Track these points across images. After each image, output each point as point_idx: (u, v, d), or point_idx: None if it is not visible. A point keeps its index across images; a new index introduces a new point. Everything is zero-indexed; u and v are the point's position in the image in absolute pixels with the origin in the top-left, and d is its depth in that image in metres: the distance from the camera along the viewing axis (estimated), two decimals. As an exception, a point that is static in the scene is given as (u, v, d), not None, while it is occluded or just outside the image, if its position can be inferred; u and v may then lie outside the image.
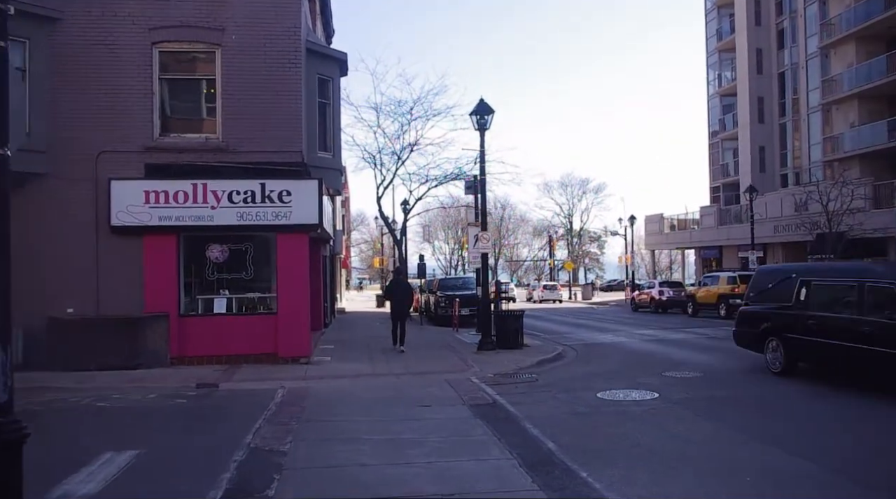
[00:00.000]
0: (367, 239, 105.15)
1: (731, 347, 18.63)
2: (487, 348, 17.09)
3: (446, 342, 20.10)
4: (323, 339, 20.18)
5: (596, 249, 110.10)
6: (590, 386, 12.44)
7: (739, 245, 44.59)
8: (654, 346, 19.38)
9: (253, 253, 15.14)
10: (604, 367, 15.20)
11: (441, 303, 29.47)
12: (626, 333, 23.63)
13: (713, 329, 24.16)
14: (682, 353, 17.49)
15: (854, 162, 39.32)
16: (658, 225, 54.44)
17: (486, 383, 13.05)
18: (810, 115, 44.08)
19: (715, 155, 54.06)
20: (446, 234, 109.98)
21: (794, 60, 45.43)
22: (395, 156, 33.12)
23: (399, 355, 16.70)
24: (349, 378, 13.57)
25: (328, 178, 17.03)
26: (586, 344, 20.16)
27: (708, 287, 32.04)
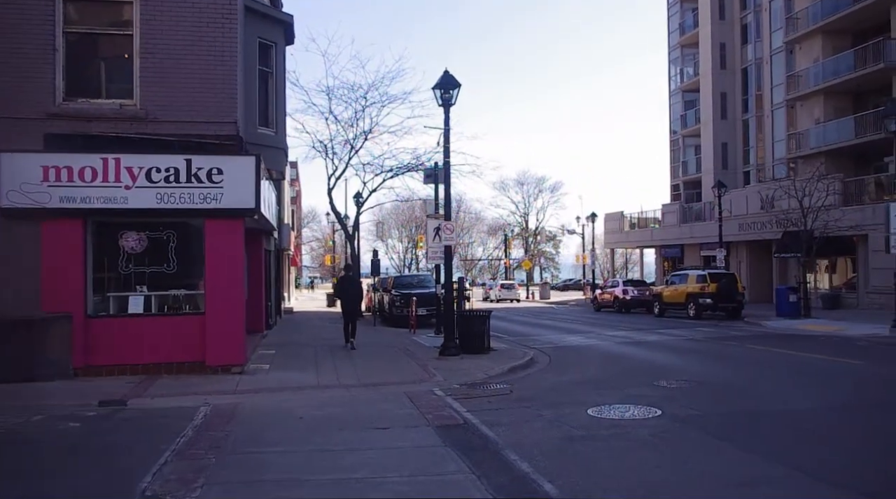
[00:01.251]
0: (319, 236, 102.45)
1: (716, 349, 17.11)
2: (451, 353, 15.06)
3: (403, 346, 18.02)
4: (263, 343, 17.90)
5: (551, 248, 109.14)
6: (576, 399, 10.51)
7: (702, 243, 43.55)
8: (632, 349, 17.62)
9: (177, 242, 12.81)
10: (585, 375, 13.30)
11: (396, 302, 27.36)
12: (596, 334, 21.87)
13: (686, 330, 22.59)
14: (665, 357, 15.73)
15: (819, 159, 38.29)
16: (618, 223, 53.19)
17: (452, 396, 11.02)
18: (774, 111, 43.20)
19: (676, 152, 53.04)
20: (400, 232, 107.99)
21: (759, 55, 44.52)
22: (348, 145, 30.92)
23: (350, 363, 14.56)
24: (290, 391, 11.39)
25: (270, 158, 14.81)
26: (557, 347, 18.30)
27: (675, 286, 30.58)
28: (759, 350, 16.74)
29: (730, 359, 15.51)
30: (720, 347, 17.63)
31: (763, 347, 17.40)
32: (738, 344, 18.08)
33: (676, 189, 52.42)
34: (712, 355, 16.12)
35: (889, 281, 29.47)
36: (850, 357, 14.93)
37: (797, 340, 18.85)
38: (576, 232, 68.93)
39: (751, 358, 15.50)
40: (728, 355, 16.08)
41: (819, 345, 17.56)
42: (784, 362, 14.59)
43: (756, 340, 19.15)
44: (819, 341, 18.55)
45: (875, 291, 29.92)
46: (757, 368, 14.00)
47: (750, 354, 16.23)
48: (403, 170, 30.93)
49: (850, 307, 31.27)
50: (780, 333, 21.28)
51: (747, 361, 15.15)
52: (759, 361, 14.93)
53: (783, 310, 26.59)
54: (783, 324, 23.91)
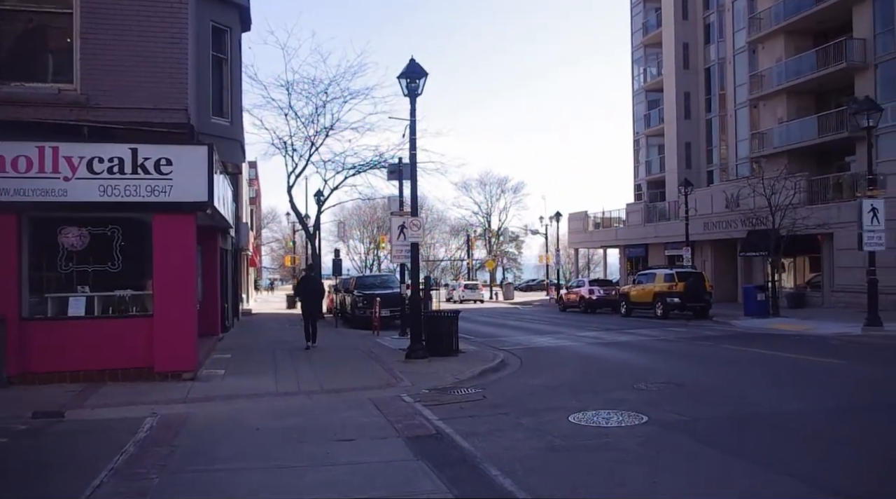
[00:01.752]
0: (279, 237, 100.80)
1: (690, 350, 16.60)
2: (418, 356, 14.30)
3: (367, 348, 17.20)
4: (219, 347, 16.92)
5: (514, 248, 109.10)
6: (555, 405, 9.84)
7: (667, 243, 43.44)
8: (605, 350, 17.06)
9: (122, 239, 11.83)
10: (560, 378, 12.65)
11: (359, 303, 26.50)
12: (565, 335, 21.30)
13: (657, 330, 22.16)
14: (641, 358, 15.19)
15: (782, 158, 38.44)
16: (582, 223, 52.94)
17: (422, 402, 10.28)
18: (737, 110, 43.31)
19: (639, 152, 53.03)
20: (362, 233, 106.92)
21: (722, 55, 44.62)
22: (308, 142, 29.98)
23: (311, 367, 13.72)
24: (246, 399, 10.52)
25: (225, 149, 13.89)
26: (527, 349, 17.66)
27: (643, 285, 30.24)
28: (735, 350, 16.31)
29: (706, 359, 15.03)
30: (694, 348, 17.17)
31: (737, 346, 16.98)
32: (712, 344, 17.64)
33: (640, 189, 52.41)
34: (688, 356, 15.63)
35: (854, 280, 29.62)
36: (828, 356, 14.54)
37: (771, 340, 18.49)
38: (539, 232, 68.67)
39: (728, 358, 15.04)
40: (704, 356, 15.61)
41: (794, 344, 17.21)
42: (762, 363, 14.14)
43: (729, 339, 18.76)
44: (792, 340, 18.22)
45: (841, 289, 29.96)
46: (736, 368, 13.52)
47: (726, 354, 15.78)
48: (366, 167, 30.13)
49: (814, 306, 31.29)
50: (751, 332, 20.97)
51: (725, 361, 14.68)
52: (736, 362, 14.47)
53: (751, 309, 26.38)
54: (753, 323, 23.65)
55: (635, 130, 53.36)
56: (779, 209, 25.96)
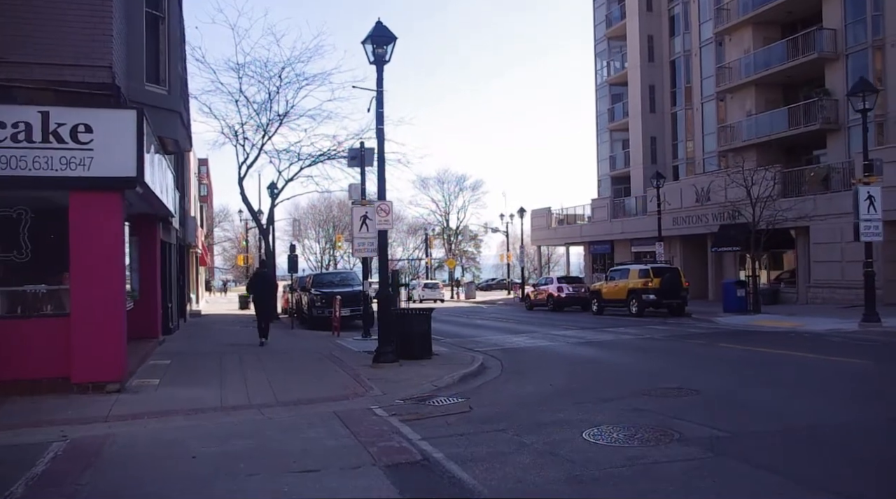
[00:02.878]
0: (232, 237, 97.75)
1: (684, 349, 15.02)
2: (387, 360, 12.49)
3: (328, 351, 15.33)
4: (158, 352, 14.86)
5: (472, 247, 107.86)
6: (558, 418, 8.18)
7: (633, 239, 42.38)
8: (591, 351, 15.50)
9: (32, 222, 9.81)
10: (552, 383, 11.00)
11: (317, 302, 24.58)
12: (542, 334, 19.71)
13: (637, 328, 20.73)
14: (634, 360, 13.67)
15: (751, 151, 37.67)
16: (545, 219, 51.62)
17: (398, 416, 8.52)
18: (704, 104, 42.43)
19: (603, 147, 51.93)
20: (317, 232, 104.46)
21: (688, 48, 43.71)
22: (261, 130, 27.93)
23: (264, 374, 11.82)
24: (183, 416, 8.60)
25: (162, 122, 11.91)
26: (505, 350, 16.00)
27: (616, 282, 28.88)
28: (736, 350, 14.85)
29: (709, 360, 13.54)
30: (688, 346, 15.72)
31: (736, 345, 15.55)
32: (705, 343, 16.20)
33: (604, 184, 51.28)
34: (686, 357, 14.14)
35: (832, 274, 28.75)
36: (841, 355, 13.19)
37: (767, 338, 17.15)
38: (499, 230, 67.33)
39: (733, 359, 13.57)
40: (704, 356, 14.13)
41: (794, 342, 15.88)
42: (775, 363, 12.70)
43: (721, 337, 17.36)
44: (790, 338, 16.91)
45: (818, 284, 29.04)
46: (749, 371, 12.02)
47: (728, 354, 14.32)
48: (325, 157, 28.18)
49: (789, 302, 30.34)
50: (740, 329, 19.65)
51: (731, 362, 13.21)
52: (744, 363, 13.00)
53: (731, 305, 25.20)
54: (736, 320, 22.39)
55: (598, 124, 52.26)
56: (759, 201, 24.76)
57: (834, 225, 27.66)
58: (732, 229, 33.24)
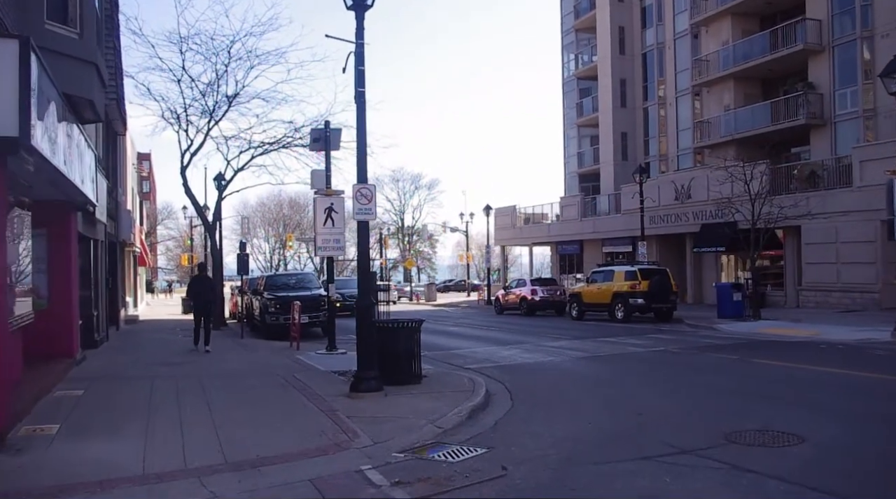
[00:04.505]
0: (176, 235, 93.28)
1: (717, 364, 11.90)
2: (369, 388, 9.74)
3: (288, 371, 12.48)
4: (74, 374, 11.81)
5: (428, 247, 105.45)
6: (644, 489, 5.61)
7: (605, 239, 40.32)
8: (607, 369, 13.02)
9: None
10: (592, 420, 8.45)
11: (270, 308, 21.66)
12: (534, 346, 17.17)
13: (637, 338, 18.38)
14: (673, 383, 11.21)
15: (729, 148, 35.85)
16: (510, 218, 49.24)
17: (404, 485, 5.84)
18: (679, 98, 40.60)
19: (571, 143, 49.82)
20: (266, 231, 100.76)
21: (661, 40, 41.84)
22: (207, 114, 24.80)
23: (208, 411, 8.97)
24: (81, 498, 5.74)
25: (71, 75, 8.99)
26: (501, 367, 13.42)
27: (598, 284, 26.60)
28: (779, 367, 12.46)
29: (763, 383, 11.05)
30: (719, 363, 13.32)
31: (772, 360, 13.18)
32: (737, 358, 13.77)
33: (571, 182, 49.16)
34: (730, 378, 11.72)
35: (826, 277, 26.91)
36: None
37: (799, 351, 14.89)
38: (458, 229, 64.95)
39: (789, 381, 11.13)
40: (751, 377, 11.68)
41: (837, 357, 13.62)
42: (851, 388, 10.34)
43: (745, 350, 15.02)
44: (827, 352, 14.66)
45: (810, 287, 27.21)
46: (831, 400, 9.58)
47: (775, 374, 11.89)
48: (279, 145, 25.18)
49: (777, 306, 28.47)
50: (756, 340, 17.39)
51: (793, 386, 10.74)
52: (811, 386, 10.59)
53: (726, 311, 23.09)
54: (739, 327, 20.24)
55: (565, 120, 50.10)
56: (758, 197, 22.70)
57: (828, 224, 25.86)
58: (716, 229, 31.42)
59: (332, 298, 16.49)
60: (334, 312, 16.46)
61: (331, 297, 16.41)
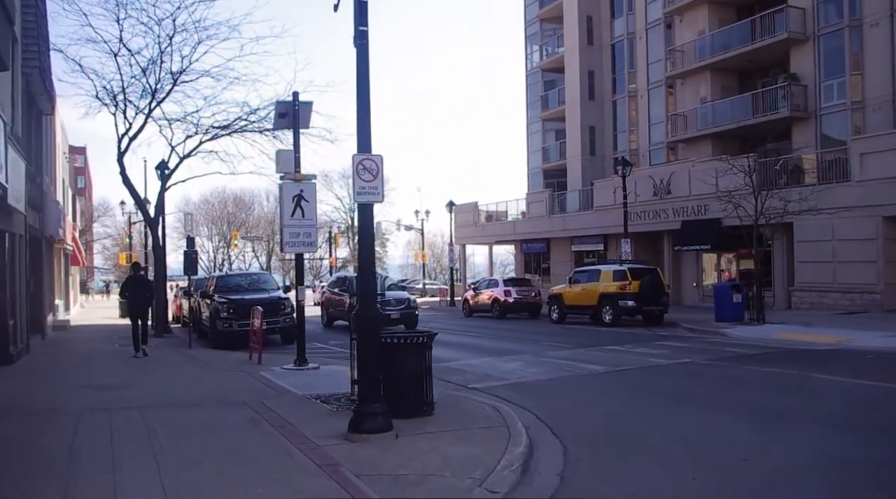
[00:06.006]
0: (114, 233, 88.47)
1: (769, 381, 9.69)
2: (376, 428, 7.21)
3: (256, 398, 9.84)
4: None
5: (379, 247, 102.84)
6: None
7: (575, 237, 38.42)
8: (651, 389, 10.82)
9: None
10: (698, 472, 6.19)
11: (222, 312, 18.93)
12: (534, 356, 14.90)
13: (644, 346, 16.31)
14: (742, 411, 9.06)
15: (705, 142, 34.48)
16: (471, 215, 47.02)
17: None
18: (651, 90, 38.95)
19: (534, 138, 47.86)
20: (210, 230, 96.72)
21: (631, 30, 40.16)
22: (148, 93, 21.84)
23: (155, 472, 6.37)
24: None
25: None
26: (513, 386, 11.11)
27: (582, 285, 24.55)
28: (850, 385, 10.50)
29: (863, 410, 9.02)
30: (777, 380, 11.25)
31: (838, 377, 11.18)
32: (797, 373, 11.64)
33: (535, 178, 47.19)
34: (813, 402, 9.63)
35: (820, 276, 25.35)
36: None
37: (851, 362, 12.98)
38: (414, 228, 62.52)
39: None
40: (832, 397, 9.65)
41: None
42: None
43: (787, 361, 13.00)
44: (886, 363, 12.79)
45: (804, 288, 25.64)
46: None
47: (861, 393, 9.91)
48: (231, 130, 22.35)
49: (766, 307, 26.78)
50: (782, 348, 15.42)
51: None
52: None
53: (725, 313, 21.26)
54: (749, 333, 18.37)
55: (529, 114, 48.12)
56: (761, 191, 20.93)
57: (824, 221, 24.27)
58: (698, 226, 29.76)
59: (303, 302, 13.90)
60: (303, 319, 13.87)
61: (300, 301, 13.82)
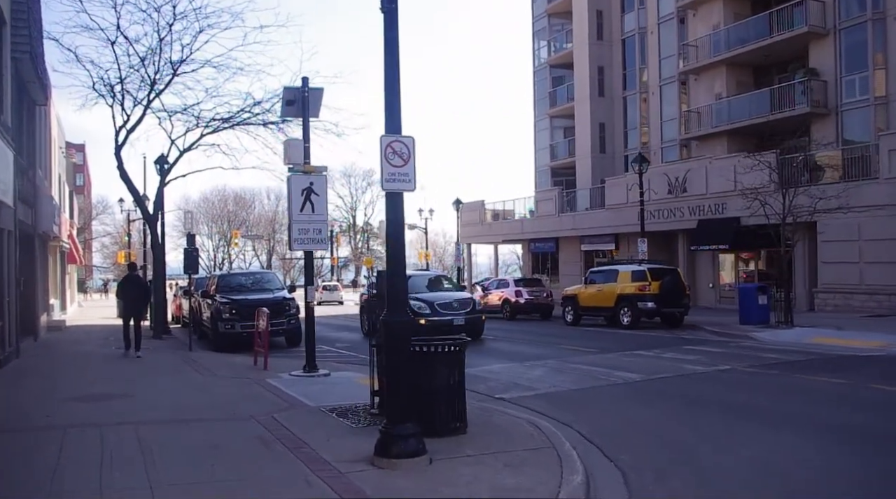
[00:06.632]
0: (112, 231, 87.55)
1: (848, 397, 9.74)
2: (409, 451, 6.18)
3: (265, 411, 8.84)
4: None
5: (380, 246, 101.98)
6: None
7: (585, 236, 37.43)
8: (698, 401, 9.86)
9: None
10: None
11: (224, 314, 18.00)
12: (559, 362, 13.93)
13: (672, 350, 15.33)
14: (842, 429, 8.10)
15: (720, 139, 33.54)
16: (478, 214, 46.02)
17: None
18: (663, 86, 37.99)
19: (541, 135, 46.88)
20: (210, 228, 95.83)
21: (643, 25, 39.20)
22: (147, 83, 20.88)
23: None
24: None
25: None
26: (547, 398, 10.14)
27: (599, 285, 23.58)
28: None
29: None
30: (839, 392, 10.27)
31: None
32: (855, 384, 10.62)
33: (542, 176, 46.22)
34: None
35: (845, 277, 24.40)
36: None
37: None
38: (417, 226, 61.56)
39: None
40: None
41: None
42: None
43: (844, 370, 12.00)
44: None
45: (828, 289, 24.68)
46: None
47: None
48: (234, 122, 21.38)
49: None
50: (828, 353, 14.36)
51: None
52: None
53: (751, 316, 20.30)
54: (783, 337, 17.41)
55: (536, 111, 47.14)
56: (790, 187, 19.96)
57: (849, 220, 23.28)
58: (715, 225, 28.80)
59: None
60: (313, 322, 12.90)
61: (309, 302, 12.85)
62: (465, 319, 18.11)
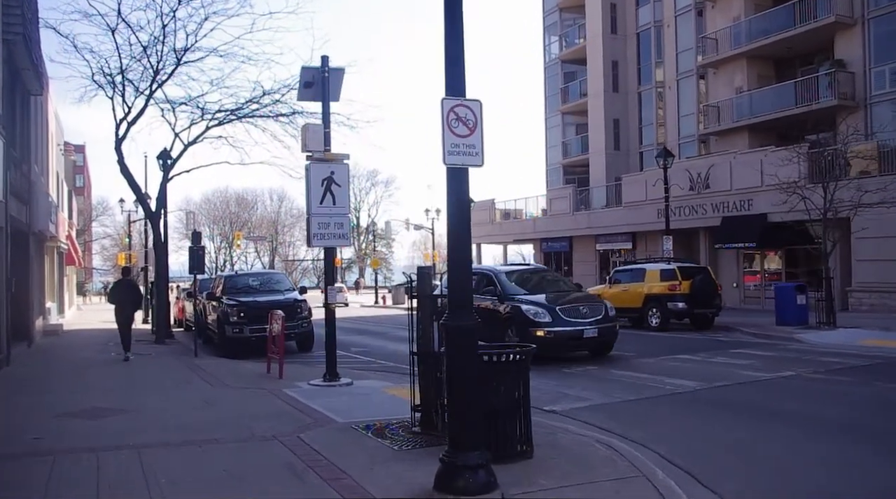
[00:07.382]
0: (113, 233, 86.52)
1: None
2: (477, 487, 5.05)
3: (288, 430, 7.65)
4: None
5: (384, 247, 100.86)
6: None
7: (600, 235, 36.28)
8: (777, 414, 8.69)
9: None
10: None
11: (232, 317, 16.86)
12: (597, 365, 12.78)
13: (723, 355, 14.15)
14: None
15: (741, 134, 32.35)
16: (488, 213, 44.89)
17: None
18: (680, 81, 36.84)
19: (553, 132, 45.73)
20: (211, 230, 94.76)
21: (658, 18, 38.07)
22: (150, 73, 19.73)
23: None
24: None
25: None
26: (602, 409, 8.98)
27: (625, 285, 22.39)
28: None
29: None
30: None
31: None
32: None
33: (554, 174, 45.07)
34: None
35: (882, 276, 23.15)
36: None
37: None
38: (423, 227, 60.36)
39: None
40: None
41: None
42: None
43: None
44: None
45: (864, 288, 23.51)
46: None
47: None
48: (243, 114, 20.21)
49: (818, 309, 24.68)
50: (890, 357, 13.27)
51: None
52: None
53: (788, 316, 19.16)
54: (830, 338, 16.25)
55: (548, 107, 46.00)
56: (832, 180, 18.80)
57: (887, 215, 22.09)
58: (740, 222, 27.64)
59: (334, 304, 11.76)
60: (334, 325, 11.72)
61: (329, 303, 11.67)
62: (598, 330, 13.87)
